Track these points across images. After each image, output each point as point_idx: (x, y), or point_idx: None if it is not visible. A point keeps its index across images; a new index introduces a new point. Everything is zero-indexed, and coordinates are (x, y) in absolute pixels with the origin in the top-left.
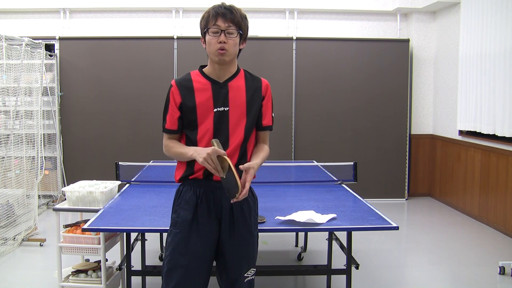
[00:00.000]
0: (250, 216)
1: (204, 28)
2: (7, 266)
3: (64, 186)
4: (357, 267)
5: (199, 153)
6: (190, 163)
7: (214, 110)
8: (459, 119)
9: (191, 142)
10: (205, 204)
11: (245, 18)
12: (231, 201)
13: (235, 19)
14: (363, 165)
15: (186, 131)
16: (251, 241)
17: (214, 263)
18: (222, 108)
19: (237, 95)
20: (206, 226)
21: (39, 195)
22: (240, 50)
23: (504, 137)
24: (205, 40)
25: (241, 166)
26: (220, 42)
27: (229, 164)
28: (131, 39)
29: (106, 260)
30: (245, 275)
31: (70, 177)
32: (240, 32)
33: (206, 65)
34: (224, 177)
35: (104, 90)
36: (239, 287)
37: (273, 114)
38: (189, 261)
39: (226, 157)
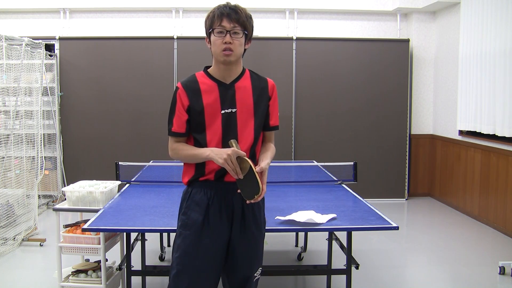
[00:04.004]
0: (260, 215)
1: (209, 28)
2: (7, 266)
3: (64, 186)
4: (357, 267)
5: (216, 153)
6: (200, 165)
7: (222, 112)
8: (459, 119)
9: (200, 145)
10: (217, 205)
11: (250, 17)
12: (247, 202)
13: (240, 19)
14: (363, 165)
15: (194, 134)
16: (260, 240)
17: None
18: (229, 110)
19: (244, 96)
20: (217, 227)
21: (39, 195)
22: (245, 50)
23: (504, 137)
24: (210, 40)
25: (257, 170)
26: (226, 42)
27: (250, 165)
28: (131, 39)
29: (106, 260)
30: (255, 274)
31: (70, 177)
32: (245, 32)
33: (211, 66)
34: (242, 178)
35: (104, 90)
36: (250, 286)
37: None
38: (200, 263)
39: (246, 158)
